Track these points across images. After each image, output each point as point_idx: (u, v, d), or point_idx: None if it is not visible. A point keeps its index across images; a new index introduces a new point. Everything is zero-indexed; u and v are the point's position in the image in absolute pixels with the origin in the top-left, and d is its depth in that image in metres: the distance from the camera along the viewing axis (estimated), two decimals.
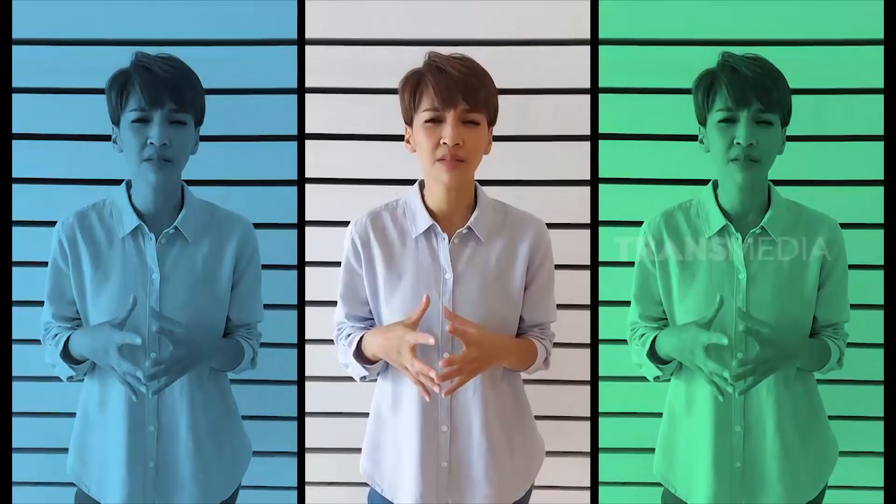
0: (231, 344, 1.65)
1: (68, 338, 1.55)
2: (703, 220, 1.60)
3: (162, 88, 1.49)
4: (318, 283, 2.07)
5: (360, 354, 1.58)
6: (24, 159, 2.03)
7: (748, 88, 1.47)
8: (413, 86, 1.51)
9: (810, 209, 1.61)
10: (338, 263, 2.03)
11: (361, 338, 1.57)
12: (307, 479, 2.13)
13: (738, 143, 1.48)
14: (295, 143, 2.03)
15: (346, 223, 2.03)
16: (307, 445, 2.12)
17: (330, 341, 2.09)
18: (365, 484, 2.02)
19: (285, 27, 1.99)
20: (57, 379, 2.01)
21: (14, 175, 2.00)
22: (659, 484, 1.74)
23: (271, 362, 1.76)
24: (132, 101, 1.51)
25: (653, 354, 1.60)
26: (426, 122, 1.48)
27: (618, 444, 2.12)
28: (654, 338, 1.60)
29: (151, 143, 1.50)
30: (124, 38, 1.98)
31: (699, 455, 1.59)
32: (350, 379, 2.09)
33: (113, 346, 1.42)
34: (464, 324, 1.45)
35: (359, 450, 1.82)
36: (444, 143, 1.47)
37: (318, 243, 2.06)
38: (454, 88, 1.45)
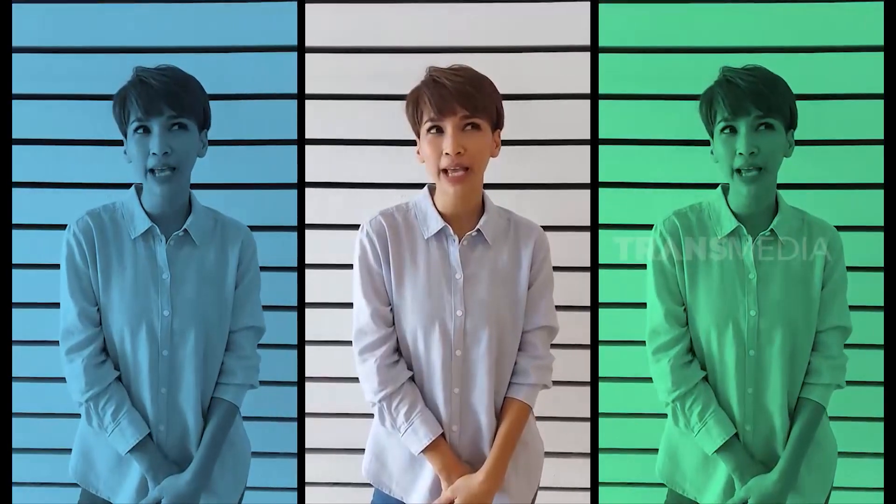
0: (219, 426, 1.65)
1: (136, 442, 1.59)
2: (715, 222, 1.63)
3: (157, 97, 1.54)
4: (318, 286, 2.09)
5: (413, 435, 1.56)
6: (23, 164, 2.06)
7: (743, 98, 1.52)
8: (414, 101, 1.56)
9: (812, 216, 1.65)
10: (337, 266, 2.05)
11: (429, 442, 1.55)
12: (307, 480, 2.14)
13: (740, 154, 1.53)
14: (295, 148, 2.05)
15: (345, 226, 2.05)
16: (307, 446, 2.13)
17: (328, 343, 2.11)
18: (365, 485, 2.01)
19: (286, 35, 2.03)
20: (55, 380, 2.03)
21: (14, 179, 2.03)
22: (660, 485, 1.74)
23: (272, 364, 1.77)
24: (132, 114, 1.56)
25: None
26: (428, 132, 1.53)
27: (617, 445, 2.13)
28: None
29: (154, 154, 1.55)
30: (132, 46, 2.02)
31: (713, 456, 1.60)
32: (348, 380, 2.11)
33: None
34: None
35: (358, 450, 1.80)
36: (447, 154, 1.50)
37: (317, 246, 2.08)
38: (449, 98, 1.49)
